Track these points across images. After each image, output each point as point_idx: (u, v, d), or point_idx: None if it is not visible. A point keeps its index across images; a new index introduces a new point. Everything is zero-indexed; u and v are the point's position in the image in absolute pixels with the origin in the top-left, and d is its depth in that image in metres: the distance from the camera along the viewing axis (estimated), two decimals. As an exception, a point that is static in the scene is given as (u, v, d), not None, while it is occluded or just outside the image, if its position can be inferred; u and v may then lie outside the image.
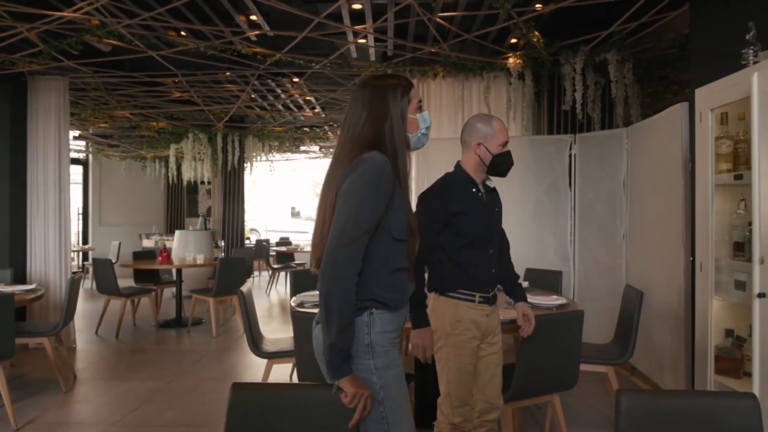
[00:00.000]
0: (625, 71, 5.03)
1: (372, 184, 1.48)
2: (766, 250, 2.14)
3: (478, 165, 2.27)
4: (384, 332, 1.57)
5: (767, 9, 2.44)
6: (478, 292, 2.24)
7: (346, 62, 5.70)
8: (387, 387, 1.56)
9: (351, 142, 1.58)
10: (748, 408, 1.40)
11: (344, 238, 1.46)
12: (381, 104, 1.58)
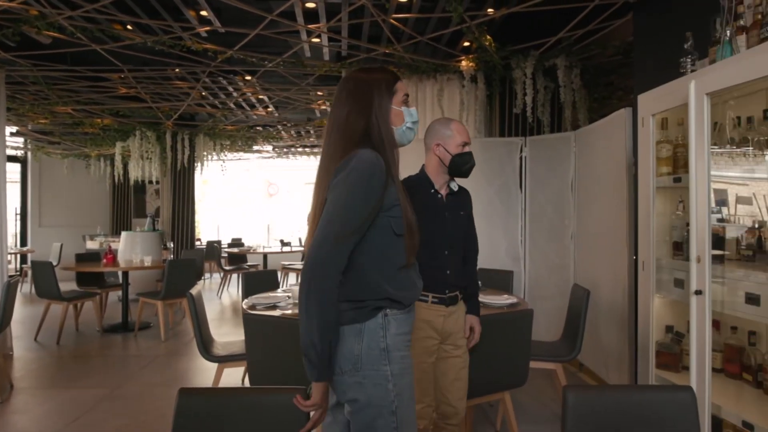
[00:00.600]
0: (572, 76, 5.19)
1: (362, 182, 1.43)
2: (702, 250, 2.25)
3: (438, 166, 2.29)
4: (400, 334, 1.52)
5: (704, 20, 2.56)
6: (431, 293, 2.24)
7: (299, 61, 5.65)
8: (401, 395, 1.49)
9: (340, 137, 1.52)
10: (686, 400, 1.46)
11: (329, 236, 1.41)
12: (366, 96, 1.54)
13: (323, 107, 7.96)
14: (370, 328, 1.48)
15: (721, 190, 2.57)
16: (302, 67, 5.74)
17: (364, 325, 1.48)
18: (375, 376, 1.47)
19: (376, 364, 1.48)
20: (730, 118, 2.47)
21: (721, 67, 2.24)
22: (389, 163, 1.50)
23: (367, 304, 1.49)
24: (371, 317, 1.49)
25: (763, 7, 2.19)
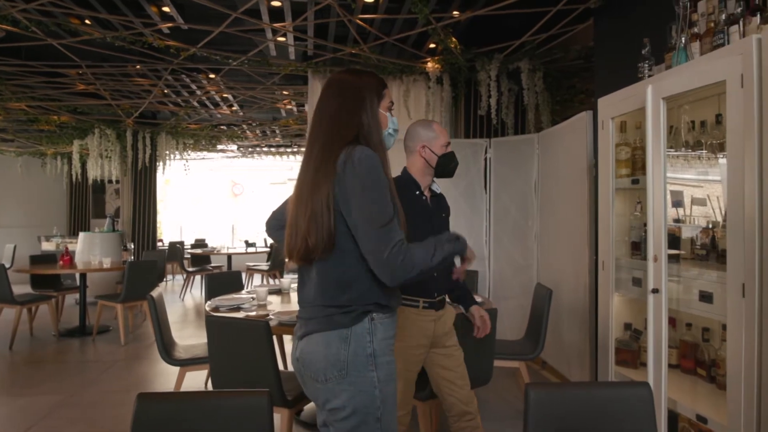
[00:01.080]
0: (536, 79, 5.28)
1: (374, 173, 1.43)
2: (659, 249, 2.32)
3: (424, 168, 2.31)
4: (386, 339, 1.51)
5: (661, 27, 2.64)
6: (422, 297, 2.24)
7: (264, 60, 5.59)
8: (386, 402, 1.48)
9: (330, 131, 1.51)
10: (643, 396, 1.50)
11: (378, 222, 1.40)
12: (358, 95, 1.55)
13: (289, 107, 7.89)
14: (357, 333, 1.46)
15: (677, 192, 2.66)
16: (267, 66, 5.68)
17: (351, 329, 1.46)
18: (361, 382, 1.45)
19: (363, 370, 1.45)
20: (685, 122, 2.56)
21: (676, 72, 2.32)
22: (383, 162, 1.50)
23: (354, 308, 1.47)
24: (357, 322, 1.47)
25: (715, 15, 2.28)
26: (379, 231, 1.39)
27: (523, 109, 5.58)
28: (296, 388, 2.69)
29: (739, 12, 2.14)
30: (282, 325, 2.76)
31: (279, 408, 2.56)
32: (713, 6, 2.31)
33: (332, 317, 1.47)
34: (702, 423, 2.22)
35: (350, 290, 1.47)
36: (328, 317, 1.47)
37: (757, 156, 1.89)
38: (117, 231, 8.25)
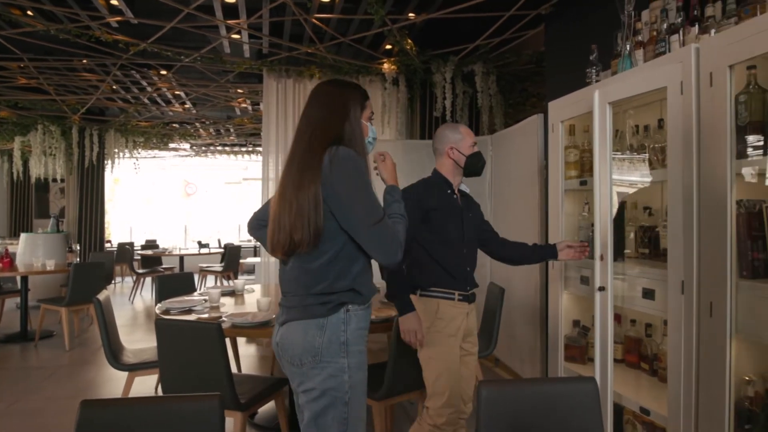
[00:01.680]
0: (489, 82, 5.38)
1: (360, 169, 1.57)
2: (605, 249, 2.40)
3: (453, 168, 2.41)
4: (359, 329, 1.62)
5: (608, 34, 2.74)
6: (457, 290, 2.32)
7: (218, 57, 5.49)
8: (355, 388, 1.59)
9: (315, 138, 1.62)
10: (589, 390, 1.55)
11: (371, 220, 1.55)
12: (343, 105, 1.68)
13: (244, 105, 7.77)
14: (333, 323, 1.58)
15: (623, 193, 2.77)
16: (221, 63, 5.57)
17: (327, 319, 1.58)
18: (333, 367, 1.57)
19: (335, 357, 1.57)
20: (630, 126, 2.66)
21: (621, 78, 2.41)
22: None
23: (332, 299, 1.59)
24: (334, 312, 1.59)
25: (657, 25, 2.38)
26: (374, 228, 1.55)
27: (477, 111, 5.68)
28: (250, 391, 2.65)
29: (680, 22, 2.24)
30: (235, 328, 2.71)
31: (232, 411, 2.52)
32: (656, 16, 2.41)
33: (310, 307, 1.59)
34: (645, 415, 2.32)
35: (327, 281, 1.59)
36: (307, 307, 1.59)
37: (696, 159, 1.98)
38: (61, 232, 7.91)
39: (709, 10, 2.13)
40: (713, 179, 1.91)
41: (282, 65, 5.63)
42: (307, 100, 1.73)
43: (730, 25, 1.97)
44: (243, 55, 5.67)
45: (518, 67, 5.51)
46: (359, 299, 1.62)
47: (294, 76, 5.70)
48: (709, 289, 1.93)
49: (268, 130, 5.66)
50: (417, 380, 2.82)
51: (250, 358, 5.12)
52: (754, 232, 1.84)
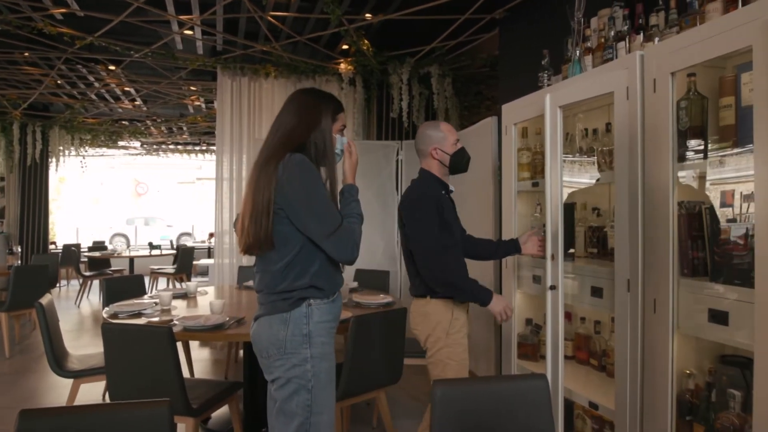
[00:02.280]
0: (445, 84, 5.45)
1: (309, 177, 1.66)
2: (555, 249, 2.46)
3: (440, 168, 2.41)
4: (322, 322, 1.71)
5: (559, 40, 2.81)
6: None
7: (170, 53, 5.34)
8: (318, 377, 1.69)
9: (280, 143, 1.72)
10: (541, 387, 1.59)
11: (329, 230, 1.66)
12: (316, 113, 1.76)
13: (197, 103, 7.59)
14: (295, 317, 1.69)
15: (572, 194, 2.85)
16: (173, 59, 5.43)
17: (290, 314, 1.69)
18: (296, 357, 1.67)
19: (298, 348, 1.68)
20: (580, 129, 2.74)
21: (571, 83, 2.48)
22: (326, 168, 1.75)
23: (293, 295, 1.69)
24: (296, 307, 1.69)
25: (605, 32, 2.46)
26: (331, 238, 1.66)
27: (434, 113, 5.73)
28: (202, 396, 2.59)
29: (626, 30, 2.33)
30: (187, 331, 2.65)
31: (183, 417, 2.46)
32: (603, 23, 2.49)
33: (275, 303, 1.71)
34: (594, 409, 2.39)
35: (287, 281, 1.70)
36: (272, 303, 1.71)
37: (640, 162, 2.06)
38: (1, 233, 7.53)
39: (653, 19, 2.22)
40: (657, 181, 1.99)
41: (237, 63, 5.54)
42: (283, 105, 1.82)
43: (673, 34, 2.06)
44: (196, 51, 5.54)
45: (473, 70, 5.60)
46: (320, 294, 1.72)
47: (249, 75, 5.61)
48: (653, 287, 2.01)
49: (222, 129, 5.55)
50: (373, 380, 2.83)
51: (204, 362, 5.01)
52: (694, 233, 1.92)
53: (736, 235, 1.75)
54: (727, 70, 1.90)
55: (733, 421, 1.76)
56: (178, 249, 9.08)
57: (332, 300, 1.76)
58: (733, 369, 1.87)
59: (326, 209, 1.67)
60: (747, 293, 1.65)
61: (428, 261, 2.25)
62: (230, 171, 5.53)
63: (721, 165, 1.84)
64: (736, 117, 1.80)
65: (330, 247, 1.67)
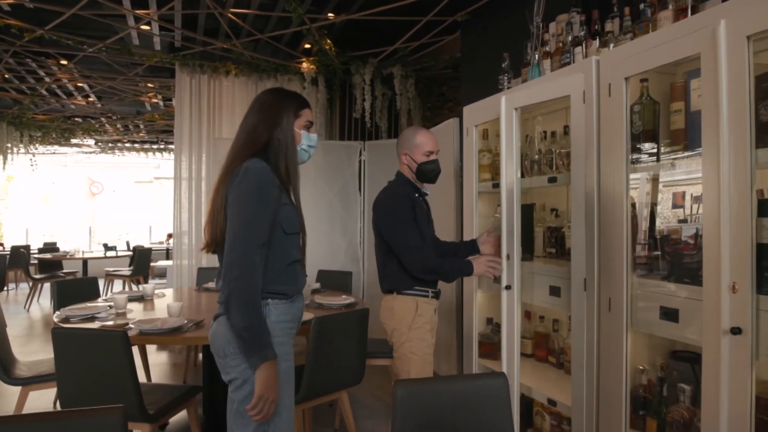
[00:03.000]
0: (408, 85, 5.47)
1: (255, 192, 1.62)
2: (511, 249, 2.50)
3: (410, 173, 2.48)
4: (280, 322, 1.68)
5: (519, 43, 2.86)
6: (430, 288, 2.42)
7: (126, 49, 5.18)
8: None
9: (246, 144, 1.72)
10: (500, 385, 1.61)
11: (240, 255, 1.58)
12: (277, 112, 1.75)
13: (155, 100, 7.40)
14: None
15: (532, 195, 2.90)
16: (129, 55, 5.27)
17: None
18: None
19: None
20: (538, 132, 2.80)
21: (529, 86, 2.53)
22: (283, 172, 1.72)
23: None
24: None
25: (563, 37, 2.52)
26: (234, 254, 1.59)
27: (396, 114, 5.75)
28: (159, 401, 2.53)
29: (582, 35, 2.39)
30: (143, 335, 2.58)
31: (140, 424, 2.39)
32: (561, 28, 2.55)
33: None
34: (552, 406, 2.44)
35: None
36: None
37: (596, 164, 2.11)
38: (-57, 234, 7.17)
39: (609, 25, 2.28)
40: (612, 183, 2.05)
41: (196, 60, 5.42)
42: (248, 107, 1.83)
43: (627, 40, 2.12)
44: (153, 47, 5.40)
45: (436, 71, 5.64)
46: (278, 295, 1.69)
47: (209, 72, 5.50)
48: (608, 286, 2.07)
49: (180, 127, 5.43)
50: (334, 381, 2.81)
51: (162, 367, 4.88)
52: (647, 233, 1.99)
53: (687, 235, 1.82)
54: (678, 77, 1.97)
55: (683, 415, 1.83)
56: (134, 250, 8.82)
57: (291, 301, 1.73)
58: (684, 364, 1.94)
59: (248, 221, 1.60)
60: (696, 291, 1.71)
61: (411, 254, 2.32)
62: (189, 170, 5.41)
63: (673, 168, 1.91)
64: (685, 121, 1.87)
65: (227, 261, 1.61)
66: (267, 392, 1.56)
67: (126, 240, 11.50)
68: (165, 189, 14.36)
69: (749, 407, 1.52)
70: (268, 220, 1.63)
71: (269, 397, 1.56)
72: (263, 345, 1.58)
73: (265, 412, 1.57)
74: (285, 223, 1.69)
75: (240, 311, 1.56)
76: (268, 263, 1.66)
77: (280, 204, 1.67)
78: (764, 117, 1.53)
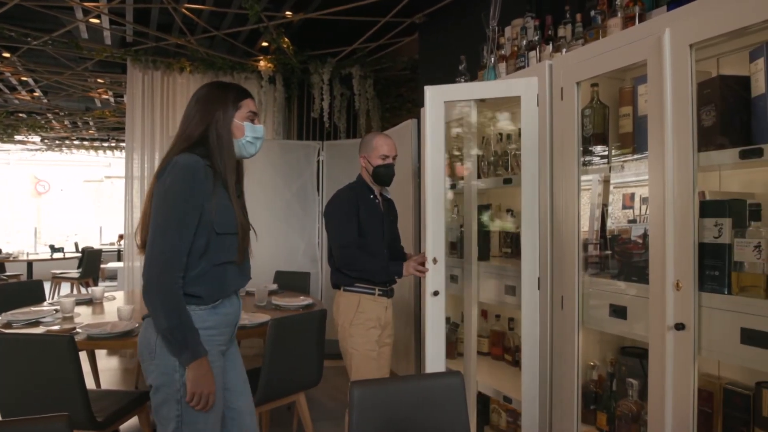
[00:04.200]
0: (367, 86, 5.47)
1: (178, 187, 1.55)
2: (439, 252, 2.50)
3: (367, 176, 2.61)
4: (198, 329, 1.59)
5: (476, 46, 2.90)
6: (377, 286, 2.53)
7: (74, 42, 4.99)
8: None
9: (178, 139, 1.67)
10: (456, 383, 1.63)
11: (158, 256, 1.53)
12: (211, 106, 1.67)
13: (105, 96, 7.15)
14: None
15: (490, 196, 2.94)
16: (77, 49, 5.07)
17: None
18: (165, 364, 1.57)
19: (167, 355, 1.56)
20: (494, 134, 2.84)
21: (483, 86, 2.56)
22: (220, 168, 1.64)
23: None
24: None
25: (518, 41, 2.57)
26: (151, 251, 1.55)
27: (355, 114, 5.74)
28: (108, 408, 2.44)
29: (537, 40, 2.44)
30: (91, 339, 2.49)
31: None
32: (516, 32, 2.60)
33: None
34: (507, 403, 2.48)
35: None
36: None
37: (549, 165, 2.16)
38: None
39: (561, 31, 2.34)
40: (564, 185, 2.10)
41: (149, 56, 5.27)
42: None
43: (578, 45, 2.18)
44: (104, 41, 5.22)
45: (395, 72, 5.66)
46: (196, 300, 1.61)
47: (162, 69, 5.35)
48: (560, 285, 2.12)
49: (132, 125, 5.26)
50: (292, 383, 2.78)
51: (112, 372, 4.72)
52: (597, 233, 2.05)
53: (635, 235, 1.89)
54: (626, 82, 2.04)
55: (631, 408, 1.89)
56: (83, 252, 8.50)
57: (212, 307, 1.64)
58: (632, 359, 2.01)
59: (165, 224, 1.54)
60: (643, 289, 1.78)
61: (338, 251, 2.50)
62: (141, 169, 5.26)
63: (623, 170, 1.98)
64: (633, 125, 1.94)
65: (146, 258, 1.56)
66: (199, 388, 1.55)
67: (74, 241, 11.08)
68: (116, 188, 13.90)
69: (692, 399, 1.58)
70: (192, 216, 1.56)
71: (203, 391, 1.56)
72: (189, 343, 1.54)
73: (203, 405, 1.57)
74: (217, 222, 1.60)
75: (163, 312, 1.53)
76: (192, 262, 1.58)
77: (212, 201, 1.59)
78: (706, 122, 1.60)
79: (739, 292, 1.51)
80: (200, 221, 1.57)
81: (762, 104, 1.48)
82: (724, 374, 1.82)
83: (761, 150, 1.46)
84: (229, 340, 1.74)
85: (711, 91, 1.60)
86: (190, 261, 1.58)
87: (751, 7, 1.42)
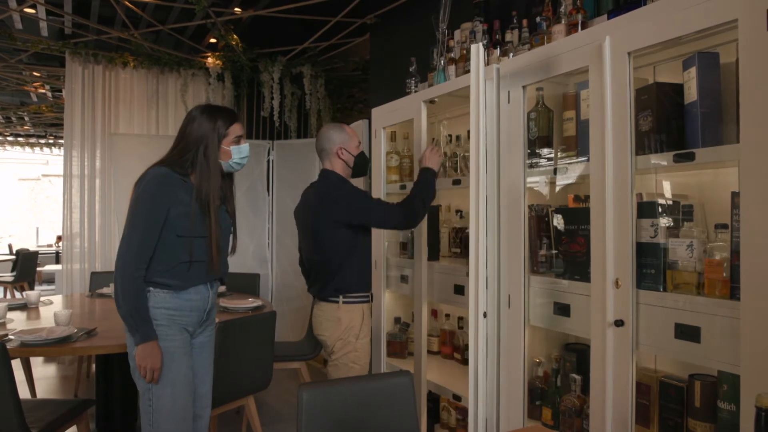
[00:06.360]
0: (318, 86, 5.43)
1: (145, 196, 1.87)
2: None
3: (344, 169, 2.46)
4: (158, 308, 1.90)
5: (427, 48, 2.93)
6: (370, 292, 2.49)
7: (7, 33, 4.73)
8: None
9: (169, 155, 1.96)
10: (405, 383, 1.64)
11: (124, 240, 1.87)
12: (202, 129, 1.94)
13: (42, 90, 6.82)
14: None
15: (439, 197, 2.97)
16: (11, 40, 4.81)
17: None
18: (130, 339, 1.91)
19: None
20: (444, 135, 2.88)
21: (435, 91, 2.59)
22: (200, 185, 1.92)
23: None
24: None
25: (467, 44, 2.61)
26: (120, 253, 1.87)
27: (306, 114, 5.69)
28: (44, 418, 2.33)
29: (485, 44, 2.48)
30: (25, 346, 2.36)
31: (21, 444, 2.18)
32: (465, 36, 2.64)
33: None
34: (457, 401, 2.52)
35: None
36: None
37: (497, 167, 2.21)
38: None
39: (509, 35, 2.40)
40: (511, 186, 2.15)
41: (89, 49, 5.05)
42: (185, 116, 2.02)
43: (525, 50, 2.24)
44: (39, 33, 4.97)
45: (346, 72, 5.65)
46: (165, 288, 1.92)
47: (104, 63, 5.15)
48: (507, 284, 2.17)
49: (71, 121, 5.03)
50: (241, 387, 2.73)
51: (50, 380, 4.51)
52: (542, 233, 2.11)
53: (578, 235, 1.95)
54: (570, 87, 2.11)
55: (575, 403, 1.95)
56: (18, 254, 8.07)
57: (176, 292, 1.93)
58: (575, 355, 2.08)
59: (130, 225, 1.87)
60: (585, 287, 1.84)
61: (392, 212, 2.37)
62: (81, 167, 5.03)
63: (566, 172, 2.04)
64: (576, 129, 2.01)
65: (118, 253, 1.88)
66: (144, 363, 1.86)
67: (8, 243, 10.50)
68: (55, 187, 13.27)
69: (631, 392, 1.65)
70: (155, 221, 1.85)
71: (146, 365, 1.86)
72: (140, 327, 1.85)
73: (149, 377, 1.87)
74: (178, 227, 1.89)
75: (122, 297, 1.85)
76: (157, 258, 1.89)
77: (178, 208, 1.88)
78: (643, 127, 1.67)
79: (673, 289, 1.59)
80: (166, 224, 1.87)
81: (694, 111, 1.56)
82: (660, 368, 1.90)
83: (693, 154, 1.54)
84: (197, 323, 2.02)
85: (648, 97, 1.67)
86: (160, 256, 1.89)
87: (684, 19, 1.49)
